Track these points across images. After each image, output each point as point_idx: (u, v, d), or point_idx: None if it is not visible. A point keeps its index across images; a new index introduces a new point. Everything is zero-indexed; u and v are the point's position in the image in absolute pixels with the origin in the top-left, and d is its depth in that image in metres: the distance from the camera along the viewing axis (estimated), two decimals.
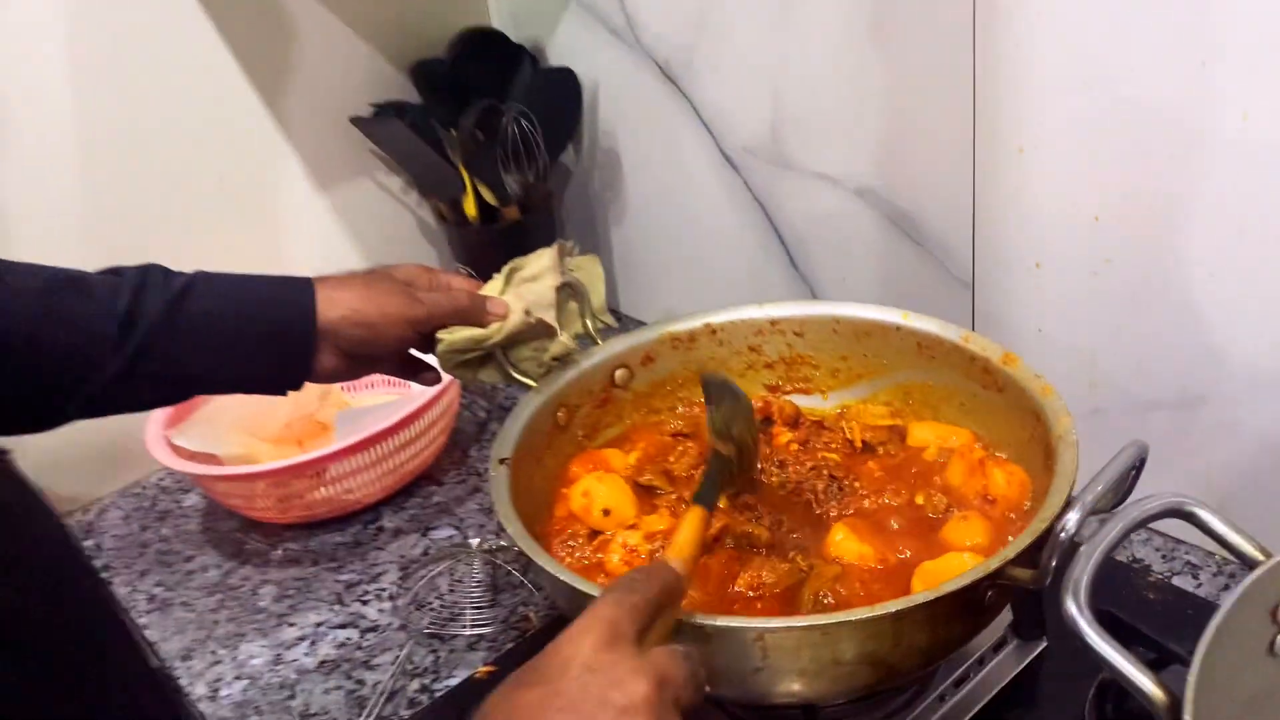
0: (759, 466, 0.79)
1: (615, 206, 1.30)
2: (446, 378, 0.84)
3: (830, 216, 1.03)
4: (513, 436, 0.77)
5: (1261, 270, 0.73)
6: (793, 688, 0.62)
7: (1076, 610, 0.51)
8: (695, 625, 0.58)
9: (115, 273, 0.71)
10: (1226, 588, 0.83)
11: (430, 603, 0.96)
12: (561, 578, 0.63)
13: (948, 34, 0.83)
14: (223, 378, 0.76)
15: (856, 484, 0.78)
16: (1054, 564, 0.56)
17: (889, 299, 0.99)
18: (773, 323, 0.89)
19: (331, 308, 0.74)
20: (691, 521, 0.63)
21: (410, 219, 1.35)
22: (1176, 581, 0.84)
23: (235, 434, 1.13)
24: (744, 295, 1.15)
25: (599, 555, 0.75)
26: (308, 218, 1.25)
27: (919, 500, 0.76)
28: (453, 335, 0.78)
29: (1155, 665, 0.69)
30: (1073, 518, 0.56)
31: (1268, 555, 0.54)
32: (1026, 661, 0.78)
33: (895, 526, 0.75)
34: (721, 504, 0.76)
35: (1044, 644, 0.79)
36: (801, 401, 0.89)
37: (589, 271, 0.88)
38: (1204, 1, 0.68)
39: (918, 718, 0.73)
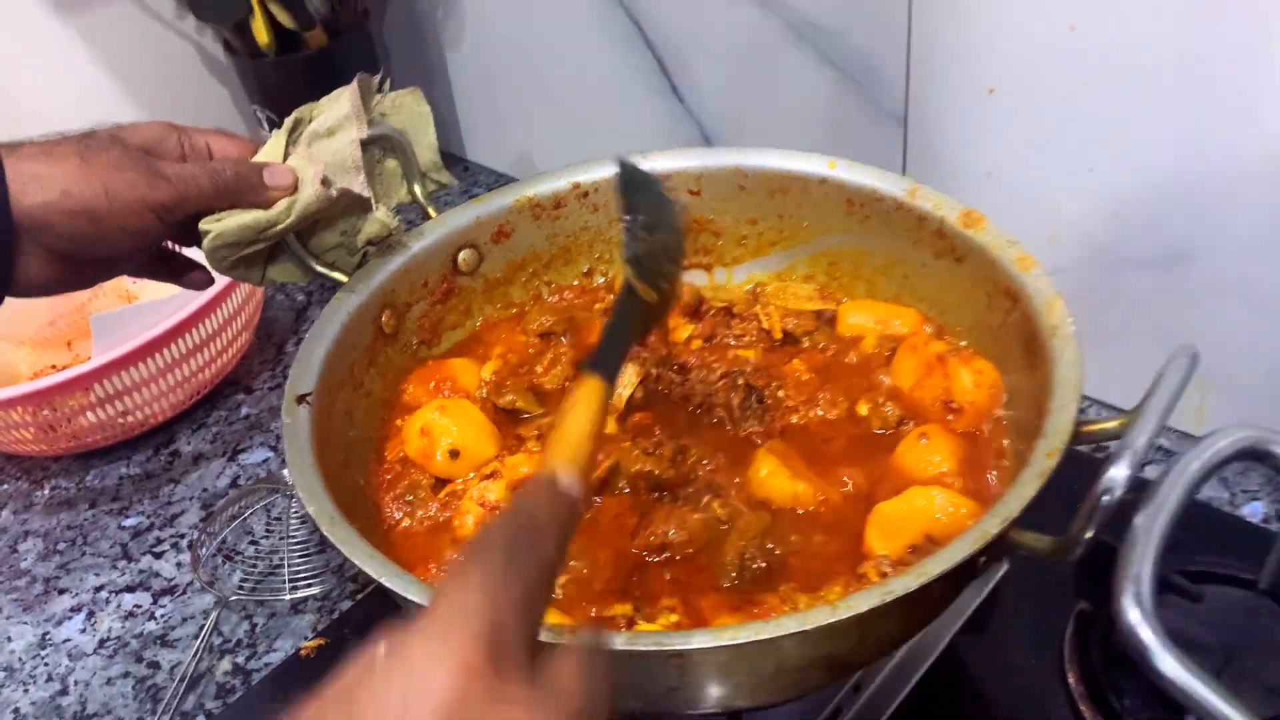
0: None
1: (450, 25, 1.05)
2: (225, 279, 0.61)
3: (722, 32, 0.82)
4: (316, 361, 0.56)
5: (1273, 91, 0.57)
6: (723, 700, 0.46)
7: (1141, 618, 0.35)
8: (623, 652, 0.40)
9: None
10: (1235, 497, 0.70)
11: (242, 552, 0.76)
12: (386, 583, 0.44)
13: None
14: None
15: (780, 392, 0.60)
16: (1088, 535, 0.40)
17: (800, 138, 0.81)
18: (661, 178, 0.68)
19: (31, 190, 0.51)
20: (587, 401, 0.44)
21: (190, 49, 1.07)
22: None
23: None
24: (618, 138, 0.96)
25: (447, 514, 0.56)
26: (44, 53, 0.97)
27: (862, 411, 0.59)
28: (222, 223, 0.56)
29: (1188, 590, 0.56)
30: (1118, 475, 0.39)
31: None
32: (986, 591, 0.64)
33: (832, 447, 0.58)
34: (609, 428, 0.58)
35: (1005, 567, 0.64)
36: (701, 280, 0.70)
37: (410, 113, 0.65)
38: None
39: (863, 677, 0.58)
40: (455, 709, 0.28)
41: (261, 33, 0.96)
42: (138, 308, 0.84)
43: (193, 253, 0.59)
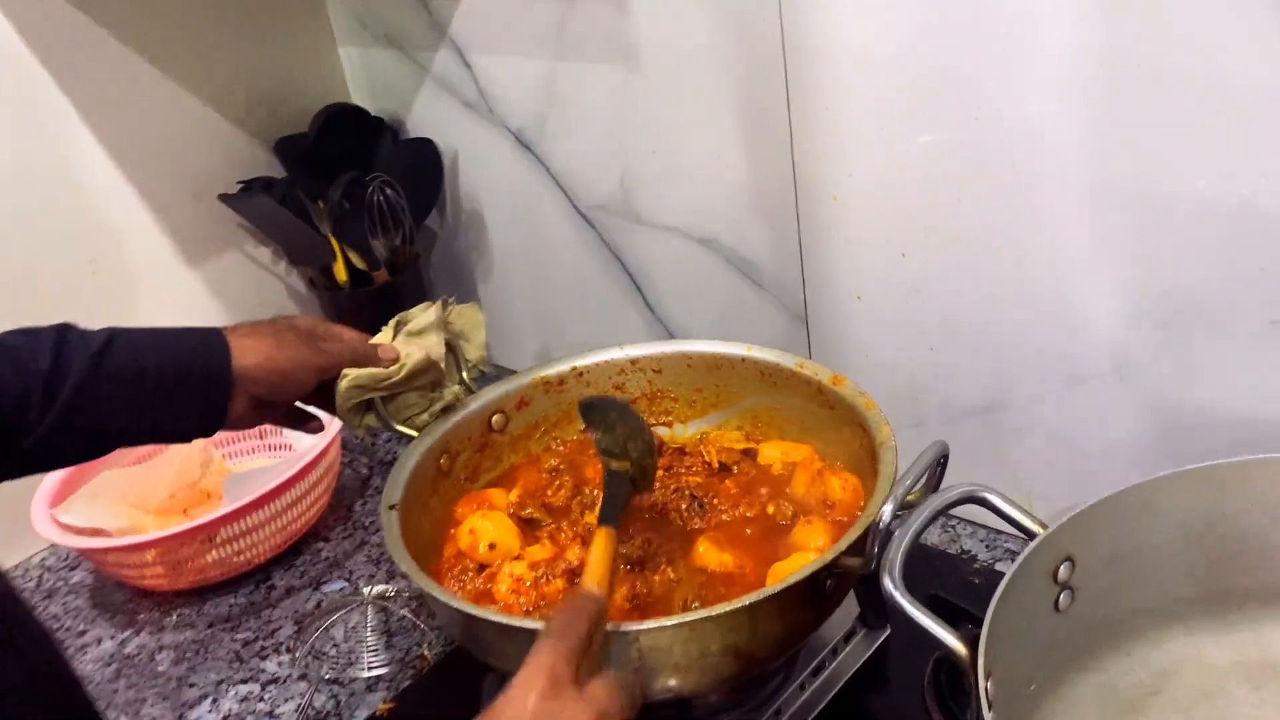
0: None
1: (481, 265, 1.38)
2: (329, 433, 0.89)
3: (680, 263, 1.13)
4: (400, 483, 0.84)
5: (1040, 293, 0.86)
6: (669, 683, 0.70)
7: (892, 585, 0.61)
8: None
9: (25, 333, 0.74)
10: None
11: (327, 651, 1.00)
12: (454, 605, 0.70)
13: (763, 100, 0.95)
14: (145, 427, 0.79)
15: (716, 501, 0.87)
16: (875, 550, 0.67)
17: (737, 334, 1.10)
18: (633, 362, 0.98)
19: (245, 355, 0.78)
20: (600, 544, 0.70)
21: (280, 287, 1.40)
22: (999, 566, 0.96)
23: (120, 507, 1.15)
24: (607, 337, 1.26)
25: (488, 585, 0.82)
26: (181, 294, 1.29)
27: (770, 510, 0.86)
28: (356, 371, 0.84)
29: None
30: (887, 509, 0.66)
31: (1045, 528, 0.65)
32: (874, 648, 0.88)
33: (750, 534, 0.84)
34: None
35: (888, 631, 0.89)
36: (664, 432, 0.98)
37: (469, 319, 0.96)
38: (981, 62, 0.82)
39: (781, 706, 0.82)
40: (536, 708, 0.56)
41: (341, 273, 1.29)
42: (254, 472, 1.12)
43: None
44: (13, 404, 0.70)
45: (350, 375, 0.84)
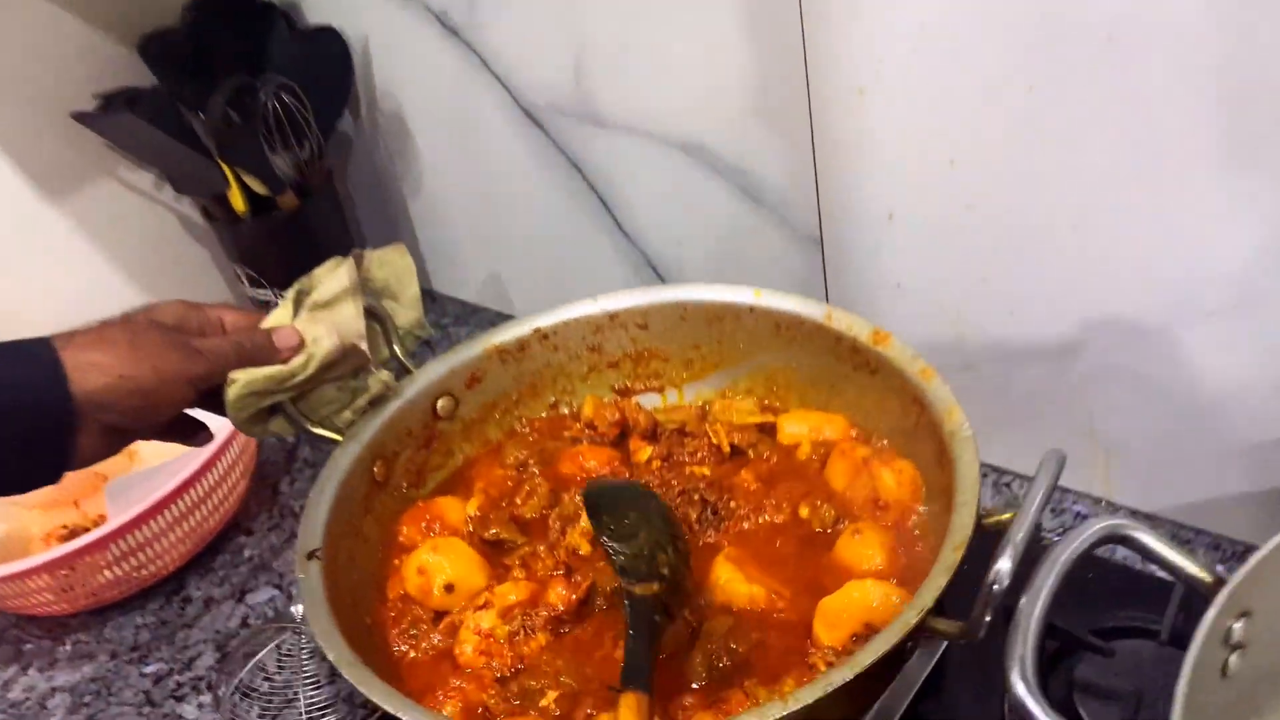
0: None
1: (408, 178, 1.15)
2: (224, 434, 0.69)
3: (657, 177, 0.91)
4: (320, 518, 0.64)
5: (1134, 209, 0.66)
6: None
7: (1025, 690, 0.43)
8: None
9: None
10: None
11: (258, 688, 0.82)
12: (405, 716, 0.51)
13: None
14: None
15: (733, 503, 0.68)
16: (988, 619, 0.48)
17: (732, 263, 0.90)
18: (611, 316, 0.78)
19: (90, 376, 0.58)
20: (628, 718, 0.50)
21: (172, 220, 1.15)
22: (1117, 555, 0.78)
23: None
24: (570, 269, 1.05)
25: (448, 642, 0.63)
26: (41, 238, 1.05)
27: (804, 514, 0.67)
28: (249, 374, 0.63)
29: (1061, 654, 0.64)
30: (1004, 568, 0.47)
31: (1216, 579, 0.47)
32: (935, 659, 0.71)
33: (781, 549, 0.66)
34: (583, 550, 0.66)
35: (944, 645, 0.72)
36: (655, 401, 0.79)
37: (395, 266, 0.74)
38: None
39: None
40: None
41: (238, 200, 1.05)
42: (146, 471, 0.91)
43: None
44: None
45: (240, 380, 0.62)
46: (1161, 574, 0.72)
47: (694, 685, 0.58)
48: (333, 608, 0.59)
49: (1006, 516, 0.54)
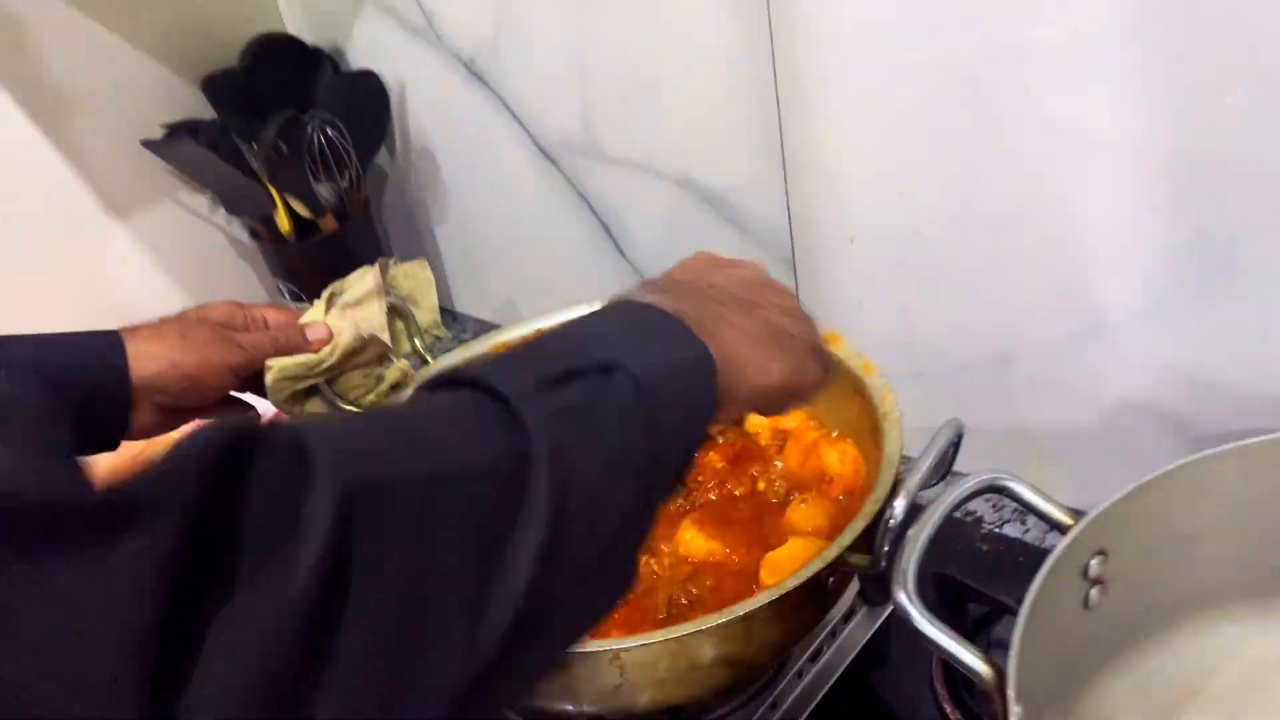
0: None
1: (436, 207, 1.27)
2: (268, 415, 0.81)
3: (652, 205, 1.03)
4: None
5: (1056, 232, 0.77)
6: (655, 696, 0.63)
7: (907, 600, 0.53)
8: None
9: None
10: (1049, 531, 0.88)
11: None
12: None
13: (740, 13, 0.84)
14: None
15: (700, 477, 0.79)
16: (886, 549, 0.58)
17: None
18: None
19: (146, 362, 0.70)
20: None
21: (222, 238, 1.29)
22: (1006, 530, 0.89)
23: None
24: (578, 286, 1.17)
25: None
26: (110, 250, 1.18)
27: (760, 487, 0.78)
28: (282, 362, 0.75)
29: (989, 619, 0.74)
30: (899, 504, 0.58)
31: (1075, 518, 0.57)
32: (877, 625, 0.81)
33: (740, 515, 0.76)
34: None
35: (890, 608, 0.82)
36: None
37: (417, 278, 0.86)
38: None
39: (779, 696, 0.75)
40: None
41: (283, 222, 1.18)
42: None
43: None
44: None
45: (275, 367, 0.74)
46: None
47: (658, 618, 0.68)
48: None
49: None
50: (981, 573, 0.78)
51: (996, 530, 0.89)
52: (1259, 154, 0.65)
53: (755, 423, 0.83)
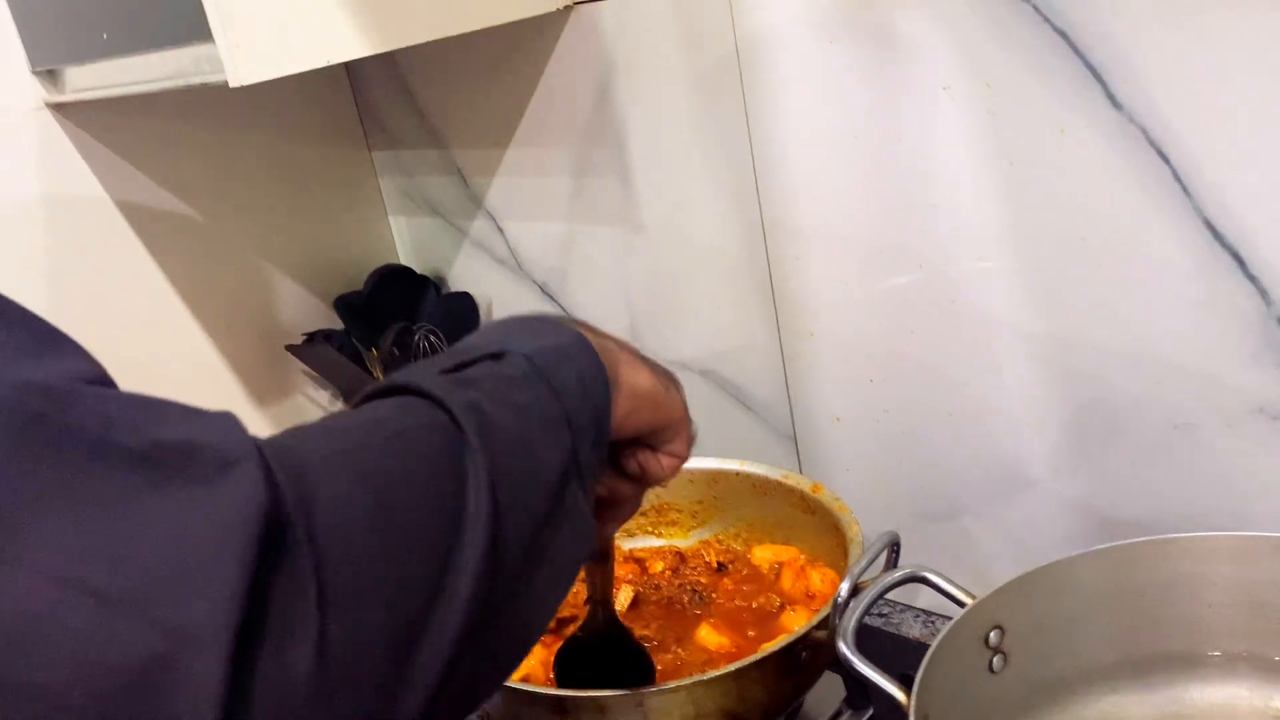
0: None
1: None
2: None
3: (686, 392, 1.29)
4: None
5: (983, 411, 1.02)
6: None
7: (844, 646, 0.75)
8: (590, 697, 0.80)
9: None
10: None
11: None
12: None
13: (749, 258, 1.13)
14: None
15: (715, 595, 1.01)
16: (837, 621, 0.80)
17: (734, 452, 1.26)
18: None
19: None
20: None
21: None
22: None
23: None
24: None
25: None
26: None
27: (759, 601, 1.00)
28: None
29: None
30: (844, 587, 0.80)
31: (974, 598, 0.79)
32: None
33: (745, 620, 0.98)
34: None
35: (870, 711, 1.01)
36: (669, 542, 1.13)
37: None
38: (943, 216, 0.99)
39: None
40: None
41: None
42: None
43: None
44: None
45: None
46: None
47: None
48: None
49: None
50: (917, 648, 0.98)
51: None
52: (1116, 336, 0.90)
53: (761, 557, 1.06)
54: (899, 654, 1.07)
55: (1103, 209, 0.86)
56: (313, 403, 1.54)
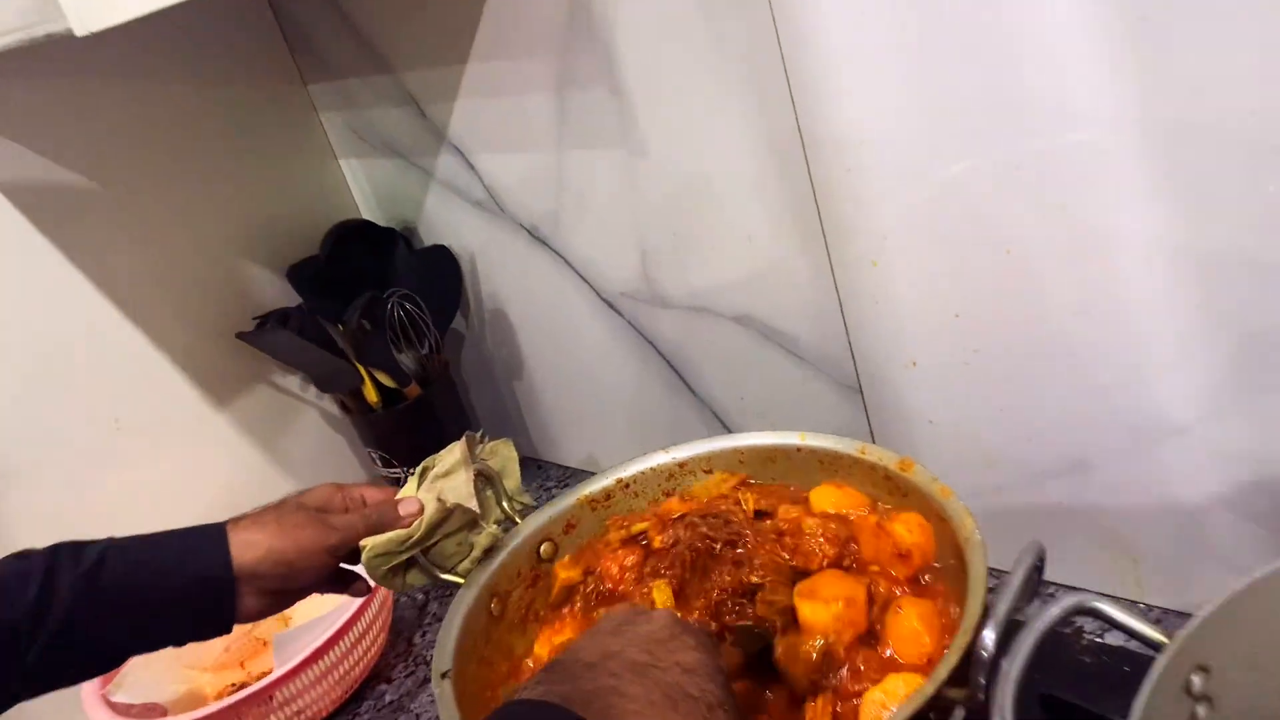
0: None
1: (512, 363, 1.33)
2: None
3: (716, 344, 1.07)
4: (450, 644, 0.78)
5: (1108, 343, 0.79)
6: None
7: None
8: None
9: (21, 556, 0.72)
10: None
11: None
12: None
13: (783, 168, 0.89)
14: (149, 641, 0.76)
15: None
16: (982, 681, 0.59)
17: (788, 411, 1.04)
18: (680, 464, 0.92)
19: (246, 551, 0.75)
20: None
21: (314, 413, 1.35)
22: (1109, 638, 0.87)
23: (174, 671, 1.12)
24: (649, 427, 1.20)
25: None
26: (211, 436, 1.25)
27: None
28: (374, 540, 0.79)
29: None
30: (989, 636, 0.59)
31: (1169, 633, 0.57)
32: None
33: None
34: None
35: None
36: None
37: (502, 455, 0.90)
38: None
39: None
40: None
41: (371, 394, 1.25)
42: (305, 626, 1.07)
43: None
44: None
45: (369, 545, 0.79)
46: None
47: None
48: (463, 716, 0.72)
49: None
50: (1086, 687, 0.77)
51: (1098, 640, 0.87)
52: None
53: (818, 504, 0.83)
54: (1037, 658, 0.87)
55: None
56: (281, 392, 1.32)
